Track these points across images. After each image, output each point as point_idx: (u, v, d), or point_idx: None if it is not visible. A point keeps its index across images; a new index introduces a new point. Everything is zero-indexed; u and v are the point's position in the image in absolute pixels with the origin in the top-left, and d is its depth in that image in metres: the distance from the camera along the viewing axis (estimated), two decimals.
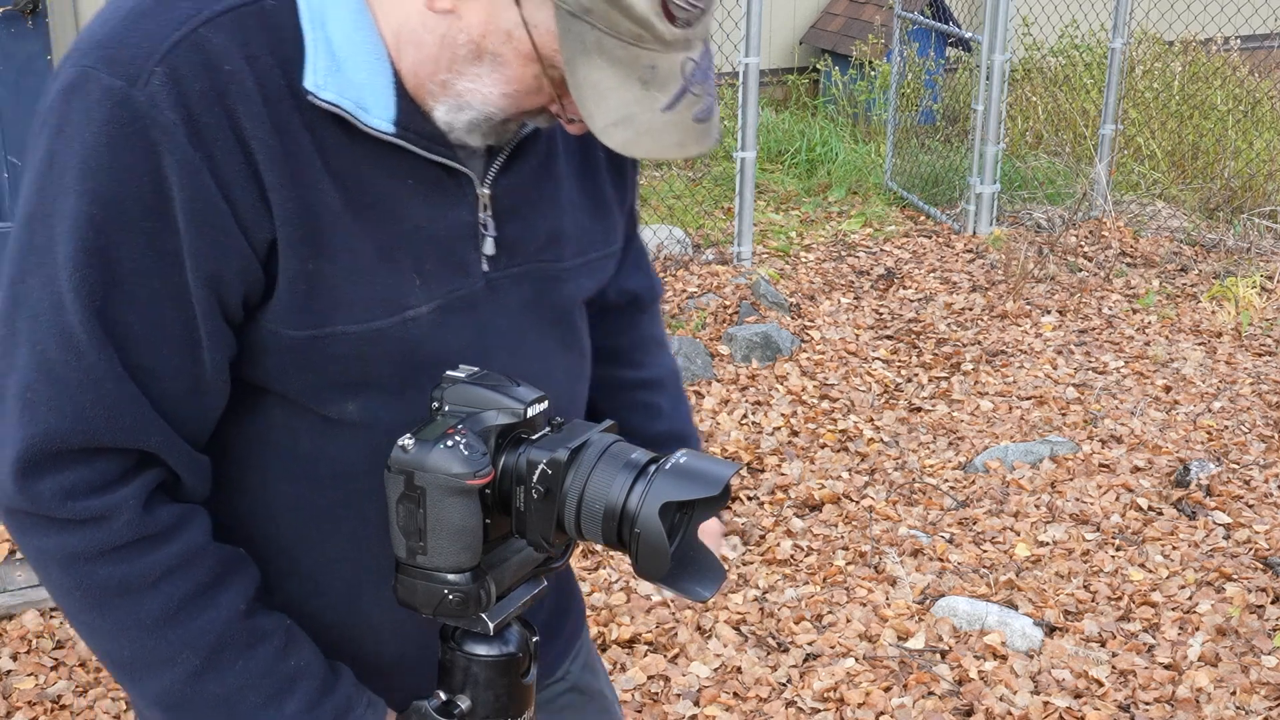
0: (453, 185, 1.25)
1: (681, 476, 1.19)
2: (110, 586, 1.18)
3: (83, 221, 1.11)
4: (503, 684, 1.30)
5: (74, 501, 1.15)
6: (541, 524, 1.23)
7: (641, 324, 1.68)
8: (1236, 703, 3.21)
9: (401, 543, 1.23)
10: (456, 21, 1.14)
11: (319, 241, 1.17)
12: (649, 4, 1.09)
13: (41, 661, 3.24)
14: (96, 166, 1.11)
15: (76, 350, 1.13)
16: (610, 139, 1.14)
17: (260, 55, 1.14)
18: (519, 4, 1.12)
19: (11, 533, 1.19)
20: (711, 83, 1.18)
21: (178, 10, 1.13)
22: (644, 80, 1.12)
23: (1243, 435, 4.57)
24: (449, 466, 1.19)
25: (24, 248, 1.14)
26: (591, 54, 1.11)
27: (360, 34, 1.17)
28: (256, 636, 1.24)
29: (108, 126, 1.10)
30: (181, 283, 1.14)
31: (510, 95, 1.18)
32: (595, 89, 1.12)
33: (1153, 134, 7.43)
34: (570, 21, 1.10)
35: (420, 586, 1.24)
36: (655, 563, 1.18)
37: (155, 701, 1.24)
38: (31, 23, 4.48)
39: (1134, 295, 5.83)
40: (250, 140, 1.13)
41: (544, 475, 1.21)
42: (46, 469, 1.14)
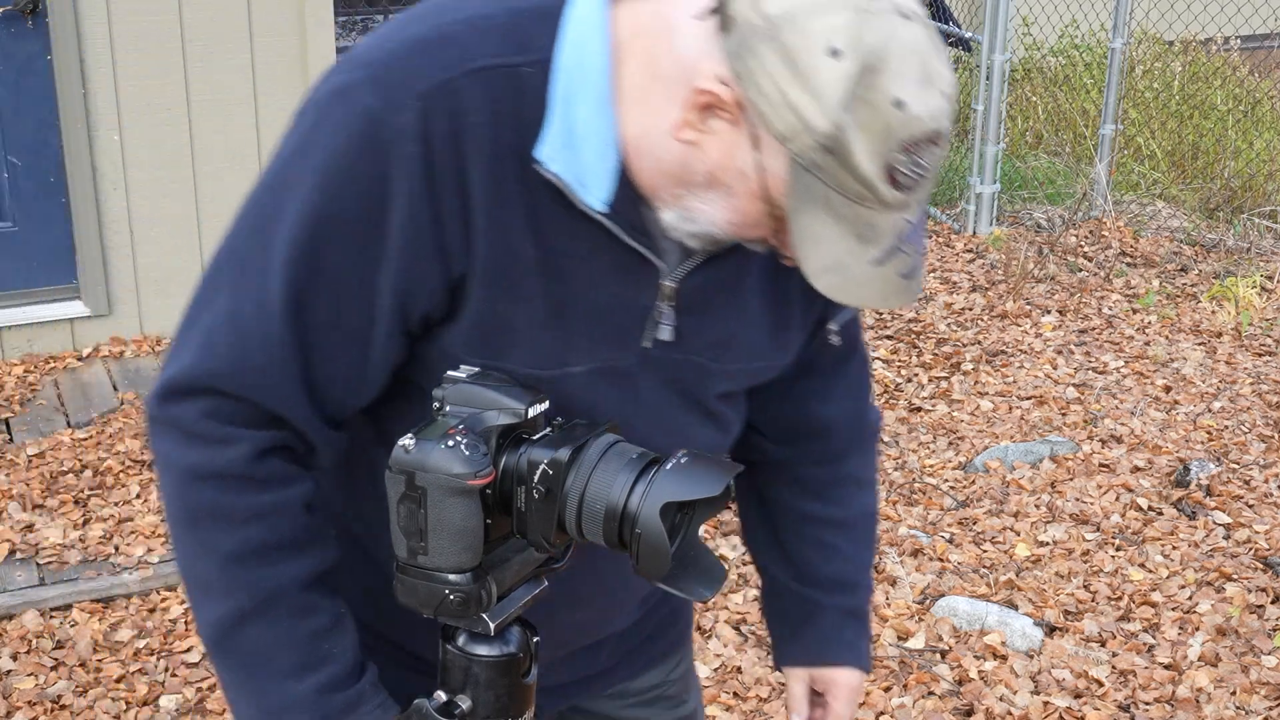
0: (643, 271, 1.32)
1: (682, 477, 1.19)
2: (204, 508, 1.29)
3: (309, 210, 1.23)
4: (503, 684, 1.31)
5: (206, 421, 1.26)
6: (542, 524, 1.23)
7: (843, 459, 1.65)
8: (1236, 703, 3.21)
9: (402, 543, 1.24)
10: (697, 152, 1.21)
11: (508, 288, 1.27)
12: (876, 169, 1.15)
13: (41, 661, 3.24)
14: (336, 169, 1.22)
15: (267, 315, 1.25)
16: (819, 282, 1.20)
17: (504, 114, 1.24)
18: (757, 149, 1.18)
19: (149, 437, 1.32)
20: (922, 242, 1.24)
21: (448, 54, 1.23)
22: (860, 235, 1.18)
23: (1243, 435, 4.57)
24: (450, 467, 1.19)
25: (254, 210, 1.28)
26: (816, 204, 1.17)
27: (601, 122, 1.24)
28: (308, 608, 1.31)
29: (356, 139, 1.22)
30: (374, 289, 1.25)
31: (735, 224, 1.25)
32: (813, 236, 1.18)
33: (1153, 134, 7.43)
34: (801, 173, 1.16)
35: (421, 587, 1.24)
36: (656, 563, 1.19)
37: (205, 631, 1.33)
38: (31, 22, 4.48)
39: (1134, 295, 5.83)
40: (472, 185, 1.23)
41: (545, 475, 1.22)
42: (196, 396, 1.27)
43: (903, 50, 1.13)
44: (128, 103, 4.60)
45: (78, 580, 3.49)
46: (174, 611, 3.43)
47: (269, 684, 1.31)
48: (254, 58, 4.71)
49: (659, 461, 1.22)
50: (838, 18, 1.12)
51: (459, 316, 1.28)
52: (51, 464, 3.96)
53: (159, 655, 3.29)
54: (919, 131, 1.14)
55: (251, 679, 1.32)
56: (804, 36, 1.12)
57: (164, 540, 3.64)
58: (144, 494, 3.84)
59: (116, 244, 4.70)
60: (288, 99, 4.76)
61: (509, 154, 1.24)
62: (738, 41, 1.15)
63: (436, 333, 1.30)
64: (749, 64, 1.14)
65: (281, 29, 4.72)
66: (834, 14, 1.13)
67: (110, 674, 3.21)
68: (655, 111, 1.22)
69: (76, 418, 4.26)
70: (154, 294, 4.79)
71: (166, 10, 4.57)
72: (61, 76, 4.52)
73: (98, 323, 4.75)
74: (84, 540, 3.63)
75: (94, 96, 4.56)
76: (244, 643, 1.31)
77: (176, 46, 4.61)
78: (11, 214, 4.66)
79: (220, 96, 4.71)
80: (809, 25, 1.12)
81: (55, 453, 4.03)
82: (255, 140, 4.78)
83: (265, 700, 1.32)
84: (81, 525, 3.70)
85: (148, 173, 4.68)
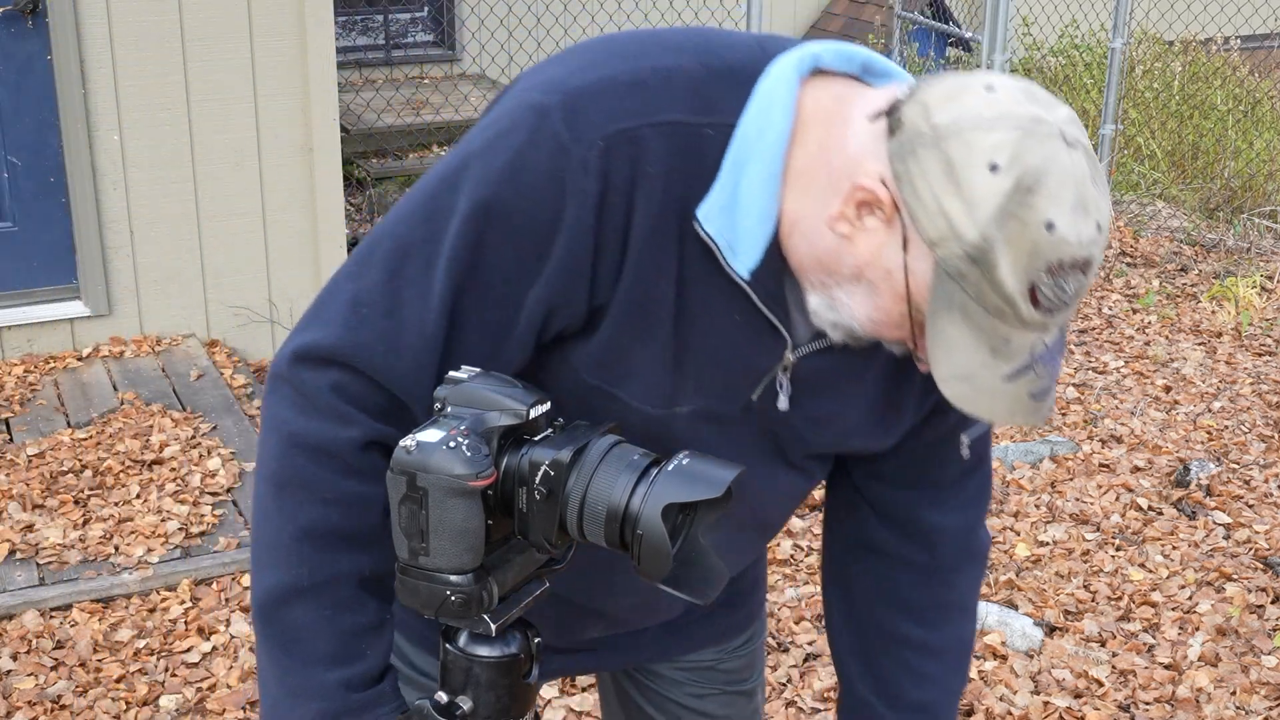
0: (770, 338, 1.35)
1: (684, 478, 1.19)
2: (297, 477, 1.31)
3: (481, 210, 1.27)
4: (504, 685, 1.31)
5: (331, 394, 1.29)
6: (544, 525, 1.23)
7: (948, 580, 1.62)
8: (1236, 702, 3.21)
9: (404, 544, 1.24)
10: (849, 245, 1.24)
11: (640, 326, 1.32)
12: (1019, 287, 1.16)
13: (41, 661, 3.24)
14: (515, 180, 1.26)
15: (426, 305, 1.28)
16: (947, 389, 1.23)
17: (677, 170, 1.28)
18: (906, 250, 1.20)
19: (267, 392, 1.34)
20: (1057, 365, 1.25)
21: (638, 102, 1.27)
22: (994, 348, 1.20)
23: (1243, 435, 4.57)
24: (451, 468, 1.19)
25: (426, 199, 1.30)
26: (954, 312, 1.19)
27: (765, 195, 1.27)
28: (356, 603, 1.33)
29: (542, 163, 1.26)
30: (523, 296, 1.29)
31: (875, 321, 1.28)
32: (948, 343, 1.21)
33: (1153, 134, 7.43)
34: (944, 279, 1.18)
35: (422, 588, 1.24)
36: (657, 564, 1.19)
37: (257, 595, 1.35)
38: (32, 22, 4.48)
39: (1134, 295, 5.83)
40: (634, 228, 1.28)
41: (546, 476, 1.22)
42: (330, 367, 1.29)
43: (1061, 174, 1.15)
44: (128, 103, 4.60)
45: (77, 580, 3.48)
46: (174, 611, 3.43)
47: (299, 665, 1.34)
48: (254, 57, 4.71)
49: (660, 463, 1.22)
50: (1002, 135, 1.15)
51: (590, 337, 1.33)
52: (51, 464, 3.96)
53: (159, 655, 3.29)
54: (1066, 256, 1.16)
55: (286, 655, 1.34)
56: (967, 149, 1.15)
57: (163, 540, 3.64)
58: (144, 494, 3.84)
59: (116, 244, 4.70)
60: (288, 98, 4.77)
61: (673, 206, 1.28)
62: (903, 145, 1.18)
63: (566, 345, 1.35)
64: (910, 167, 1.18)
65: (281, 29, 4.72)
66: (999, 131, 1.15)
67: (110, 674, 3.21)
68: (816, 198, 1.26)
69: (76, 418, 4.26)
70: (154, 294, 4.79)
71: (166, 10, 4.57)
72: (61, 76, 4.52)
73: (97, 323, 4.75)
74: (84, 540, 3.63)
75: (94, 96, 4.56)
76: (288, 618, 1.33)
77: (176, 46, 4.61)
78: (11, 214, 4.66)
79: (220, 96, 4.71)
80: (973, 139, 1.15)
81: (55, 453, 4.03)
82: (255, 140, 4.78)
83: (290, 679, 1.35)
84: (81, 525, 3.70)
85: (148, 172, 4.68)
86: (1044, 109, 1.18)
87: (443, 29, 8.19)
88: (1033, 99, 1.19)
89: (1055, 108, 1.19)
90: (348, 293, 1.31)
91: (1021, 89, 1.20)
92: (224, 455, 4.03)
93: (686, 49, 1.32)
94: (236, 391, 4.50)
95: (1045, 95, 1.21)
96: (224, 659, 3.28)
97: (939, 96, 1.19)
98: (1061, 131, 1.17)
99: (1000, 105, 1.17)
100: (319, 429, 1.29)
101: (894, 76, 1.33)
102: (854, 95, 1.28)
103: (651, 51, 1.32)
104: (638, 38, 1.35)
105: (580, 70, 1.30)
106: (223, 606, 3.46)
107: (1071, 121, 1.19)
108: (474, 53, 8.15)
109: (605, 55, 1.33)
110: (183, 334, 4.83)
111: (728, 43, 1.34)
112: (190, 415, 4.27)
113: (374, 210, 6.68)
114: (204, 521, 3.73)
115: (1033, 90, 1.20)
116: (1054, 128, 1.17)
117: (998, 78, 1.21)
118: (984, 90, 1.18)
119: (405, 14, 8.29)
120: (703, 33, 1.36)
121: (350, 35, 8.13)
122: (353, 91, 7.61)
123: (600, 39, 1.37)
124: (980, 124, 1.16)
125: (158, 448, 4.05)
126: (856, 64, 1.32)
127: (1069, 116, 1.20)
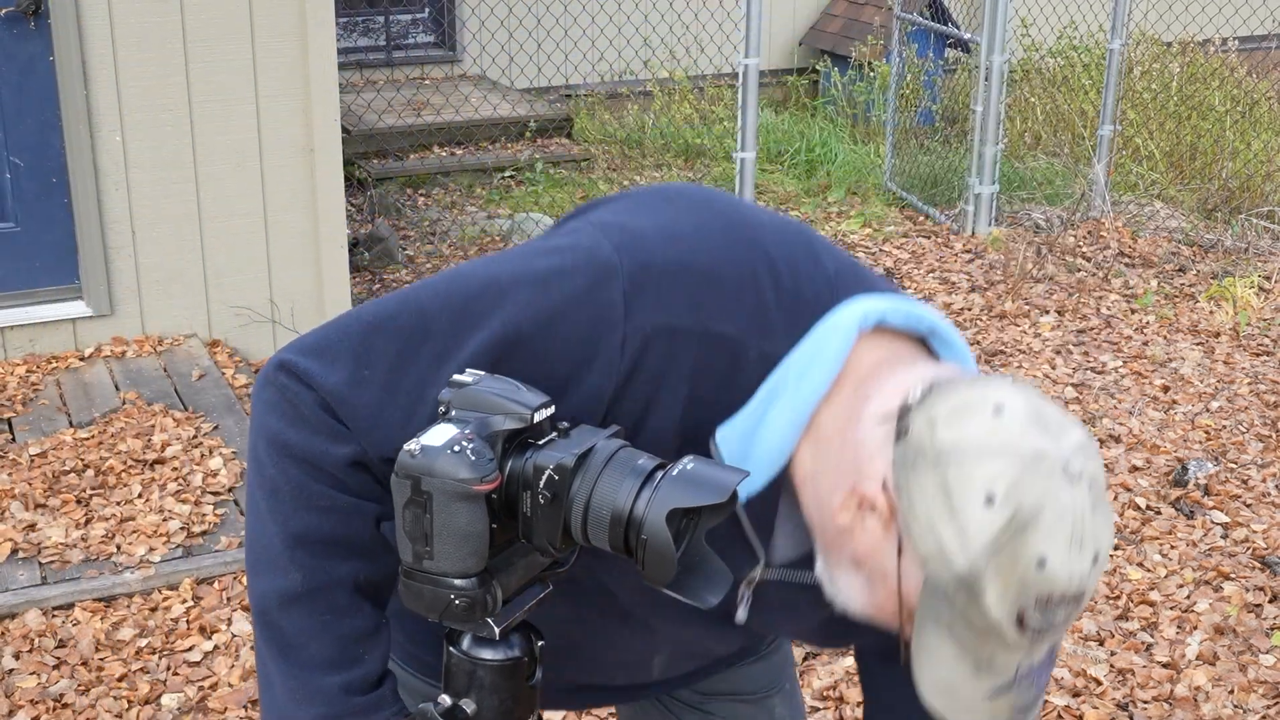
0: (744, 551, 1.35)
1: (688, 483, 1.19)
2: (290, 484, 1.31)
3: (510, 338, 1.27)
4: (508, 688, 1.30)
5: (322, 413, 1.29)
6: (548, 529, 1.23)
7: None
8: (1234, 701, 3.22)
9: (408, 547, 1.23)
10: (849, 535, 1.24)
11: None
12: (1005, 614, 1.15)
13: (44, 660, 3.25)
14: (552, 326, 1.27)
15: (421, 395, 1.27)
16: (927, 696, 1.21)
17: (709, 380, 1.28)
18: (900, 555, 1.20)
19: (256, 389, 1.33)
20: (1043, 680, 1.24)
21: (703, 300, 1.27)
22: (978, 665, 1.19)
23: (1240, 435, 4.58)
24: (456, 471, 1.19)
25: (470, 292, 1.29)
26: (941, 625, 1.18)
27: (785, 437, 1.27)
28: (352, 608, 1.34)
29: (584, 319, 1.26)
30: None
31: (870, 609, 1.27)
32: (932, 654, 1.19)
33: (1151, 135, 7.44)
34: (933, 594, 1.17)
35: (426, 591, 1.24)
36: (662, 569, 1.18)
37: (255, 600, 1.35)
38: (34, 23, 4.49)
39: (1132, 295, 5.84)
40: (649, 416, 1.29)
41: (551, 481, 1.21)
42: (324, 393, 1.28)
43: (1059, 510, 1.13)
44: (130, 103, 4.61)
45: (80, 579, 3.49)
46: (175, 610, 3.44)
47: (297, 669, 1.34)
48: (256, 58, 4.72)
49: (664, 467, 1.22)
50: (1001, 467, 1.13)
51: None
52: (53, 463, 3.97)
53: (161, 654, 3.30)
54: (1056, 591, 1.14)
55: (284, 658, 1.35)
56: (964, 477, 1.14)
57: (165, 540, 3.65)
58: (145, 493, 3.85)
59: (118, 244, 4.71)
60: (289, 99, 4.78)
61: (690, 414, 1.29)
62: (905, 455, 1.17)
63: None
64: (910, 480, 1.17)
65: (282, 29, 4.73)
66: (999, 461, 1.14)
67: (112, 673, 3.22)
68: (825, 477, 1.27)
69: (78, 417, 4.27)
70: (156, 294, 4.80)
71: (168, 10, 4.58)
72: (63, 77, 4.53)
73: (100, 323, 4.76)
74: (86, 539, 3.64)
75: (96, 97, 4.57)
76: (285, 623, 1.33)
77: (178, 47, 4.62)
78: (14, 214, 4.67)
79: (222, 97, 4.72)
80: (972, 467, 1.14)
81: (57, 452, 4.04)
82: (257, 140, 4.79)
83: (290, 683, 1.35)
84: (83, 524, 3.71)
85: (149, 173, 4.69)
86: (1051, 439, 1.15)
87: (443, 30, 8.20)
88: (1042, 426, 1.16)
89: (1065, 435, 1.16)
90: (359, 339, 1.30)
91: (1031, 413, 1.17)
92: (225, 455, 4.04)
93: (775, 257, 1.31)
94: (238, 391, 4.51)
95: (1057, 418, 1.18)
96: (225, 658, 3.29)
97: (946, 412, 1.17)
98: (1066, 465, 1.15)
99: (1004, 433, 1.15)
100: (308, 442, 1.29)
101: (954, 350, 1.32)
102: (900, 362, 1.27)
103: (740, 243, 1.31)
104: (737, 218, 1.33)
105: (666, 236, 1.30)
106: (224, 605, 3.47)
107: (1080, 450, 1.16)
108: (474, 54, 8.16)
109: (696, 226, 1.31)
110: (184, 334, 4.84)
111: (810, 265, 1.33)
112: (192, 415, 4.28)
113: (374, 210, 6.69)
114: (205, 521, 3.74)
115: (1044, 413, 1.17)
116: (1057, 462, 1.14)
117: (1010, 396, 1.18)
118: (991, 413, 1.16)
119: (406, 15, 8.30)
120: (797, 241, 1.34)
121: (351, 36, 8.14)
122: (354, 92, 7.62)
123: (703, 197, 1.35)
124: (981, 452, 1.14)
125: (159, 447, 4.07)
126: (924, 326, 1.32)
127: (1078, 444, 1.17)
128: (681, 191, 1.39)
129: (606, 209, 1.36)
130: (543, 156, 7.36)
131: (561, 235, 1.35)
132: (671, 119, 7.89)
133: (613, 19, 8.14)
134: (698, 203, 1.36)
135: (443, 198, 7.03)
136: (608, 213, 1.35)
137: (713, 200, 1.37)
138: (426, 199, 7.03)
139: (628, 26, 8.18)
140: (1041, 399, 1.20)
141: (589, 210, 1.38)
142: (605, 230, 1.31)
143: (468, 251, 6.30)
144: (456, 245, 6.38)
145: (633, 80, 8.31)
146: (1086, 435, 1.19)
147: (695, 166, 7.54)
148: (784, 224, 1.38)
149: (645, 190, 1.39)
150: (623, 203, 1.36)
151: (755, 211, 1.40)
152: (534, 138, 7.56)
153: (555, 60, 8.03)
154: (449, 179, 7.23)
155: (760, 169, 7.31)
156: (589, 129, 7.89)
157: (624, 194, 1.41)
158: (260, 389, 1.33)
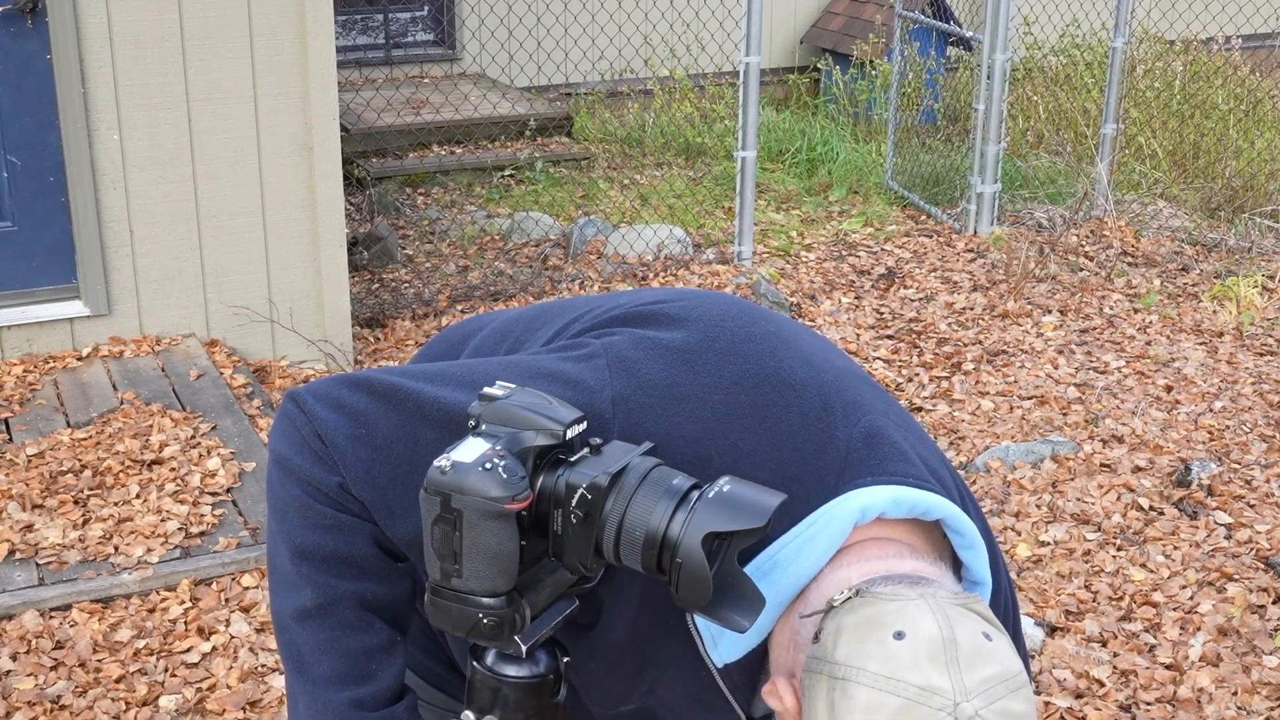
0: (724, 706, 1.36)
1: (724, 506, 1.16)
2: (293, 503, 1.34)
3: None
4: (533, 705, 1.28)
5: (316, 440, 1.32)
6: (580, 548, 1.21)
7: None
8: (1238, 703, 3.20)
9: (436, 565, 1.20)
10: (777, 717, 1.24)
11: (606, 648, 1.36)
12: None
13: (41, 662, 3.24)
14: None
15: (412, 468, 1.29)
16: None
17: None
18: None
19: (280, 410, 1.38)
20: None
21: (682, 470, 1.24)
22: None
23: (1244, 435, 4.56)
24: (488, 489, 1.16)
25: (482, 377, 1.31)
26: None
27: (767, 616, 1.27)
28: (362, 624, 1.35)
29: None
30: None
31: None
32: None
33: (1154, 133, 7.42)
34: None
35: (454, 609, 1.21)
36: (697, 592, 1.16)
37: (274, 616, 1.39)
38: (31, 22, 4.47)
39: (1135, 295, 5.82)
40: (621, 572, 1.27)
41: (583, 500, 1.19)
42: (315, 427, 1.32)
43: None
44: (127, 102, 4.59)
45: (77, 580, 3.48)
46: (173, 612, 3.43)
47: (310, 684, 1.36)
48: (254, 57, 4.71)
49: (700, 488, 1.19)
50: (882, 699, 1.11)
51: None
52: (51, 464, 3.96)
53: (158, 655, 3.29)
54: None
55: (298, 673, 1.37)
56: (848, 701, 1.12)
57: (163, 540, 3.63)
58: (143, 494, 3.83)
59: (116, 243, 4.70)
60: (288, 98, 4.76)
61: None
62: (812, 659, 1.18)
63: None
64: (811, 685, 1.17)
65: (281, 29, 4.71)
66: (881, 694, 1.11)
67: (110, 674, 3.21)
68: (775, 654, 1.28)
69: (76, 417, 4.26)
70: (153, 294, 4.78)
71: (166, 10, 4.57)
72: (61, 76, 4.52)
73: (97, 322, 4.75)
74: (83, 540, 3.62)
75: (93, 96, 4.55)
76: (298, 638, 1.36)
77: (176, 46, 4.61)
78: (11, 214, 4.65)
79: (220, 96, 4.70)
80: (856, 693, 1.12)
81: (55, 452, 4.03)
82: (255, 139, 4.77)
83: (304, 698, 1.38)
84: (81, 525, 3.69)
85: (147, 172, 4.67)
86: (952, 674, 1.11)
87: (443, 28, 8.18)
88: (947, 659, 1.11)
89: (974, 670, 1.11)
90: (373, 395, 1.33)
91: (938, 643, 1.12)
92: (224, 455, 4.02)
93: (781, 434, 1.29)
94: (236, 391, 4.49)
95: (972, 649, 1.12)
96: (224, 659, 3.27)
97: (852, 625, 1.15)
98: (957, 706, 1.09)
99: (894, 664, 1.11)
100: (308, 466, 1.33)
101: (965, 539, 1.30)
102: (883, 550, 1.25)
103: (745, 413, 1.29)
104: (758, 375, 1.31)
105: (670, 397, 1.30)
106: (222, 607, 3.46)
107: (983, 690, 1.10)
108: (474, 52, 8.14)
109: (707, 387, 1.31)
110: (182, 333, 4.83)
111: (823, 438, 1.30)
112: (190, 415, 4.26)
113: (373, 209, 6.67)
114: (204, 521, 3.72)
115: (955, 644, 1.12)
116: (948, 700, 1.09)
117: (921, 621, 1.13)
118: (891, 638, 1.13)
119: (405, 13, 8.29)
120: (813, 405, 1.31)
121: (350, 35, 8.13)
122: (353, 91, 7.61)
123: (729, 345, 1.33)
124: (869, 679, 1.12)
125: (157, 447, 4.05)
126: (929, 519, 1.29)
127: (988, 680, 1.11)
128: (712, 331, 1.35)
129: (637, 328, 1.35)
130: (543, 155, 7.35)
131: (577, 352, 1.35)
132: (672, 118, 7.88)
133: (613, 17, 8.12)
134: (722, 353, 1.33)
135: (442, 197, 7.02)
136: (631, 340, 1.34)
137: (738, 351, 1.33)
138: (426, 198, 7.01)
139: (628, 24, 8.17)
140: (974, 621, 1.15)
141: (624, 310, 1.38)
142: (614, 369, 1.31)
143: (467, 251, 6.29)
144: (456, 244, 6.37)
145: (633, 78, 8.29)
146: (1007, 671, 1.13)
147: (696, 165, 7.52)
148: (810, 380, 1.34)
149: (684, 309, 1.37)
150: (652, 327, 1.35)
151: (784, 362, 1.35)
152: (534, 136, 7.55)
153: (555, 58, 8.01)
154: (448, 178, 7.21)
155: (761, 168, 7.30)
156: (589, 127, 7.87)
157: (661, 302, 1.39)
158: (275, 419, 1.38)
